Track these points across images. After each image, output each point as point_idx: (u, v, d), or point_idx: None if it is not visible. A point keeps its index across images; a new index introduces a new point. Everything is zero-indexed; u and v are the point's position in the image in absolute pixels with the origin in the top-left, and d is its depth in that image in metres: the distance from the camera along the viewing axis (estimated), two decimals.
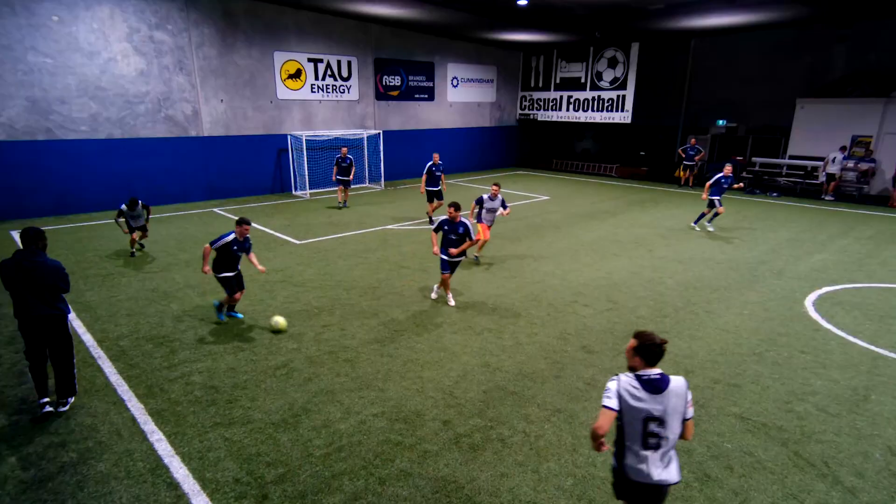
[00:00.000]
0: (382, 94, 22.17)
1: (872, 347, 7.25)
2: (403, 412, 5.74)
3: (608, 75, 24.04)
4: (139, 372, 6.57)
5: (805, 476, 4.77)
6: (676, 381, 3.37)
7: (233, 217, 15.63)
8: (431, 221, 14.85)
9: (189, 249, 12.00)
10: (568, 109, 25.96)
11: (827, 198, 18.72)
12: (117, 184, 16.21)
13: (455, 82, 24.79)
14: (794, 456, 5.04)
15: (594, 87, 24.69)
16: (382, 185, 21.53)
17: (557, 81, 26.13)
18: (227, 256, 7.74)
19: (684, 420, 3.37)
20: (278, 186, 19.90)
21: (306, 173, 19.46)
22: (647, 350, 3.35)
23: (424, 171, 14.61)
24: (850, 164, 18.92)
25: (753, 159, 21.61)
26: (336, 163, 16.84)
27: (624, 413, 3.32)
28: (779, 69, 21.01)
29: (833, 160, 18.69)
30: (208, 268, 7.72)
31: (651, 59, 23.52)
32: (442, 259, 8.68)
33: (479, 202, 11.06)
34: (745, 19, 18.15)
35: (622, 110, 23.77)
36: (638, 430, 3.30)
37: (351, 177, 16.94)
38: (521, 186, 21.88)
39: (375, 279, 10.11)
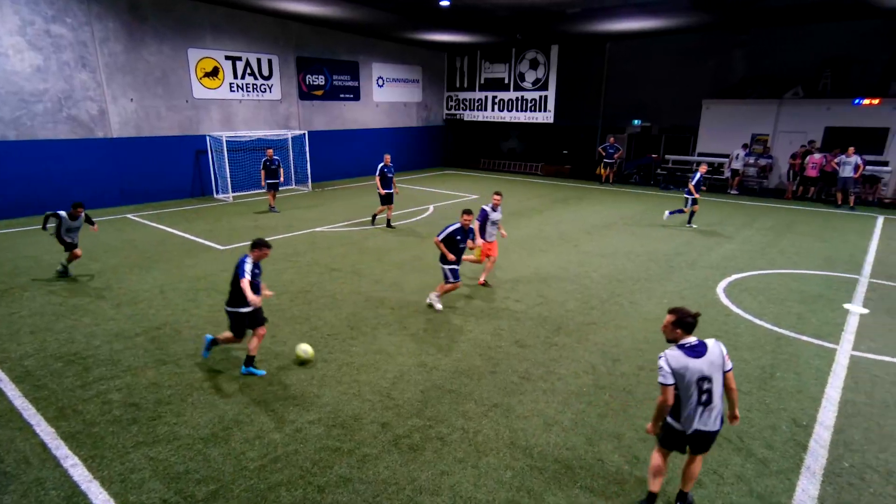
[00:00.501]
0: (306, 93, 21.67)
1: (776, 328, 7.89)
2: (340, 417, 5.64)
3: (530, 76, 24.71)
4: (48, 393, 6.07)
5: (723, 451, 5.12)
6: (711, 343, 4.02)
7: (149, 223, 14.76)
8: (374, 222, 14.61)
9: (101, 258, 11.21)
10: (493, 109, 26.46)
11: (732, 192, 20.16)
12: (13, 190, 14.88)
13: (381, 82, 24.64)
14: None
15: (517, 88, 25.31)
16: (310, 187, 21.04)
17: (482, 82, 26.57)
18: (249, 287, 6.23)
19: (724, 373, 3.99)
20: (198, 190, 18.99)
21: (228, 175, 18.68)
22: (685, 322, 3.96)
23: (377, 174, 14.12)
24: (751, 160, 20.49)
25: (667, 157, 22.92)
26: (263, 165, 16.28)
27: (679, 381, 3.92)
28: (686, 72, 22.41)
29: (737, 157, 20.17)
30: (258, 297, 6.28)
31: (570, 61, 24.41)
32: (454, 268, 8.45)
33: (483, 216, 9.44)
34: (655, 24, 19.23)
35: (545, 110, 24.52)
36: (694, 391, 3.91)
37: (281, 178, 16.46)
38: (450, 186, 22.07)
39: (306, 283, 9.87)
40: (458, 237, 8.29)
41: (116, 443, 5.19)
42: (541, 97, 24.49)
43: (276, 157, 16.53)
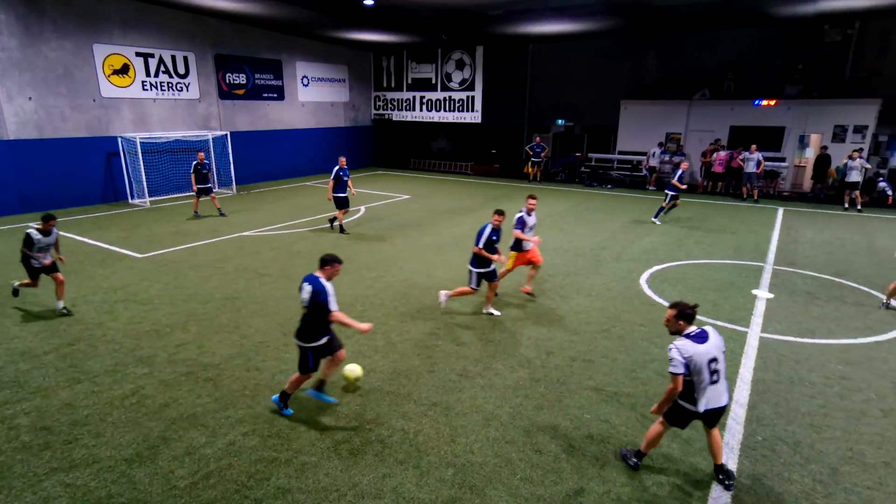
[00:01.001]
0: (227, 92, 20.81)
1: (703, 318, 8.38)
2: (276, 426, 5.47)
3: (457, 76, 24.96)
4: None
5: None
6: (710, 329, 4.54)
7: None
8: (343, 230, 13.75)
9: (1, 272, 10.28)
10: (421, 109, 26.50)
11: (650, 188, 21.27)
12: None
13: (306, 81, 24.07)
14: (642, 418, 5.68)
15: (444, 88, 25.49)
16: (234, 190, 20.23)
17: (409, 82, 26.55)
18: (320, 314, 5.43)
19: (723, 352, 4.50)
20: (111, 195, 17.79)
21: (144, 179, 17.61)
22: (686, 314, 4.47)
23: (332, 177, 13.44)
24: (666, 157, 21.70)
25: (590, 155, 23.86)
26: (194, 169, 15.41)
27: (692, 368, 4.35)
28: (605, 73, 23.43)
29: (653, 155, 21.30)
30: (353, 321, 5.53)
31: (496, 62, 24.88)
32: (484, 272, 8.17)
33: (521, 224, 8.75)
34: (573, 28, 19.93)
35: (472, 110, 24.84)
36: (706, 374, 4.36)
37: (211, 183, 15.70)
38: (382, 186, 21.92)
39: (234, 290, 9.49)
40: (494, 237, 8.08)
41: (27, 471, 4.78)
42: (468, 97, 24.79)
43: (206, 161, 15.72)
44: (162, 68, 18.50)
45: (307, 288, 5.41)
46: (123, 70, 17.47)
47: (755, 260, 11.46)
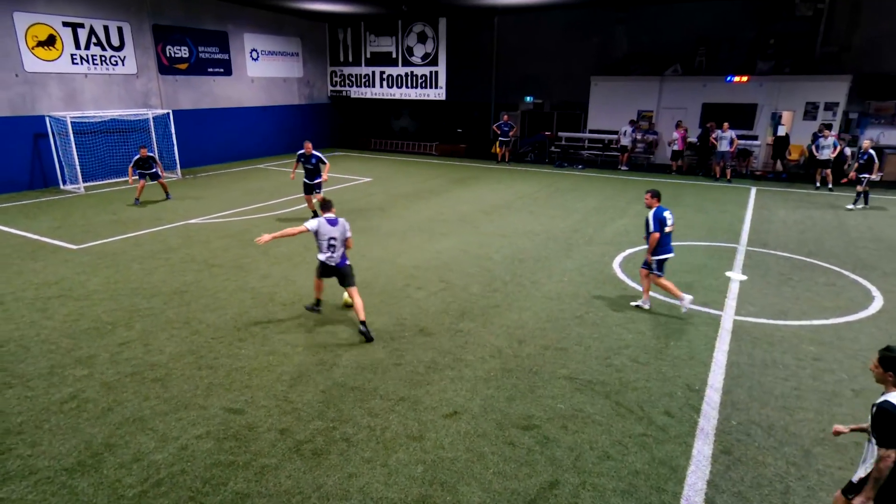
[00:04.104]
0: (168, 67, 20.10)
1: (668, 299, 8.62)
2: (233, 428, 5.39)
3: (419, 50, 24.72)
4: None
5: (626, 422, 5.54)
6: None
7: None
8: (316, 215, 13.21)
9: None
10: (381, 86, 26.19)
11: (622, 168, 21.63)
12: None
13: (255, 55, 23.45)
14: (616, 405, 5.82)
15: (406, 63, 25.23)
16: (179, 174, 19.63)
17: (368, 56, 26.17)
18: None
19: None
20: (39, 181, 17.05)
21: (76, 163, 16.88)
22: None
23: (295, 160, 13.37)
24: (639, 136, 22.06)
25: (559, 134, 24.06)
26: (135, 163, 14.88)
27: None
28: (574, 48, 23.56)
29: (625, 133, 21.62)
30: None
31: (459, 35, 24.72)
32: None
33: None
34: None
35: (436, 87, 24.69)
36: None
37: (157, 170, 15.20)
38: (342, 169, 21.64)
39: (181, 282, 9.25)
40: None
41: None
42: (431, 73, 24.61)
43: (150, 154, 15.18)
44: (93, 40, 17.71)
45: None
46: (49, 41, 16.66)
47: (728, 241, 11.81)
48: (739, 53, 21.18)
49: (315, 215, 13.22)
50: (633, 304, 8.43)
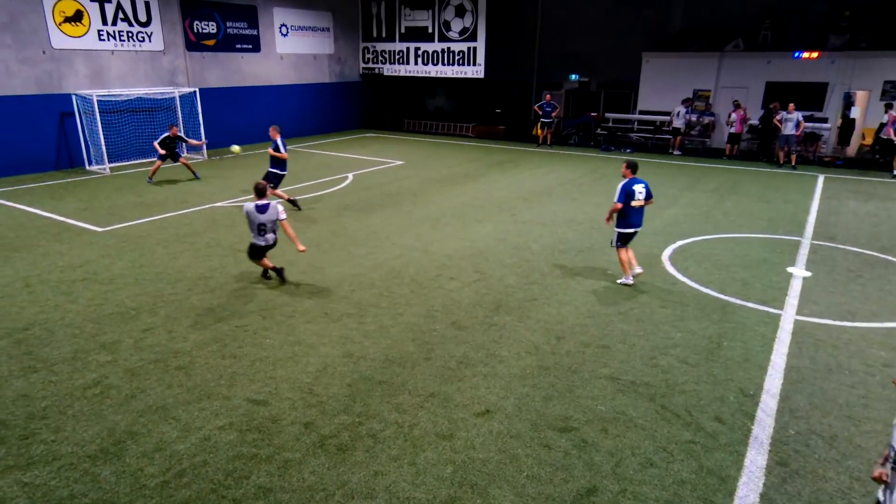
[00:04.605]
0: (195, 43, 20.49)
1: (721, 296, 8.43)
2: (256, 420, 5.52)
3: (457, 25, 24.58)
4: None
5: (672, 427, 5.45)
6: None
7: (3, 202, 13.58)
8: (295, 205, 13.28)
9: None
10: (416, 63, 26.16)
11: (675, 153, 21.15)
12: None
13: (284, 30, 23.70)
14: (662, 409, 5.74)
15: (443, 39, 25.12)
16: (205, 155, 20.07)
17: (402, 31, 26.15)
18: None
19: None
20: (66, 161, 17.65)
21: (102, 143, 17.41)
22: None
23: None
24: (694, 117, 21.49)
25: (607, 115, 23.65)
26: (162, 142, 15.65)
27: None
28: (624, 22, 23.06)
29: (678, 114, 21.09)
30: None
31: (500, 8, 24.47)
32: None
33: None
34: None
35: (474, 64, 24.53)
36: None
37: (179, 150, 15.91)
38: (372, 151, 21.77)
39: (206, 268, 9.48)
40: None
41: None
42: (469, 49, 24.45)
43: (179, 134, 15.87)
44: (120, 15, 18.17)
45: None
46: (77, 17, 17.15)
47: (791, 234, 11.45)
48: (809, 27, 20.39)
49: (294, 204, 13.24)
50: (619, 281, 8.86)
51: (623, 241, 8.63)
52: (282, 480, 4.74)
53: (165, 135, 15.51)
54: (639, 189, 8.42)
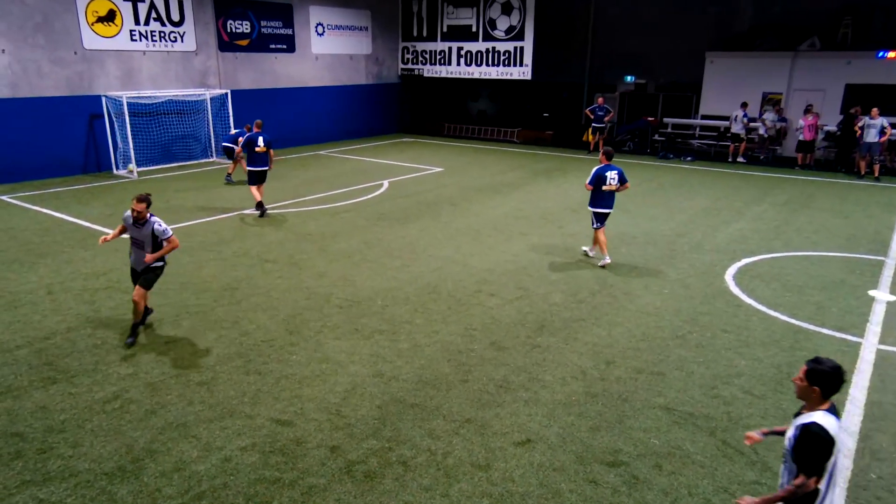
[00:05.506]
0: (228, 43, 21.12)
1: (793, 321, 8.16)
2: (280, 441, 5.57)
3: (503, 23, 24.68)
4: None
5: (734, 465, 5.28)
6: None
7: (29, 207, 14.18)
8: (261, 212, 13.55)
9: None
10: (459, 63, 26.36)
11: (739, 160, 20.66)
12: None
13: (320, 30, 24.22)
14: (723, 445, 5.56)
15: (488, 38, 25.26)
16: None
17: (444, 30, 26.41)
18: None
19: None
20: (94, 164, 18.36)
21: (131, 146, 18.07)
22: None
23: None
24: (768, 121, 20.89)
25: (665, 120, 23.32)
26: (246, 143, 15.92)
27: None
28: (686, 19, 22.77)
29: (735, 119, 20.55)
30: None
31: (550, 5, 24.47)
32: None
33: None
34: None
35: (521, 65, 24.57)
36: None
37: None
38: (409, 157, 21.96)
39: (233, 278, 9.68)
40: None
41: None
42: (516, 49, 24.51)
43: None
44: (153, 15, 18.88)
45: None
46: (109, 17, 17.90)
47: (874, 253, 11.04)
48: (895, 24, 19.73)
49: (260, 210, 13.56)
50: (589, 252, 10.70)
51: (599, 220, 10.26)
52: None
53: (247, 135, 14.14)
54: (611, 175, 10.05)
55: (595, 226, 10.35)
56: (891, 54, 19.00)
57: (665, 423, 5.91)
